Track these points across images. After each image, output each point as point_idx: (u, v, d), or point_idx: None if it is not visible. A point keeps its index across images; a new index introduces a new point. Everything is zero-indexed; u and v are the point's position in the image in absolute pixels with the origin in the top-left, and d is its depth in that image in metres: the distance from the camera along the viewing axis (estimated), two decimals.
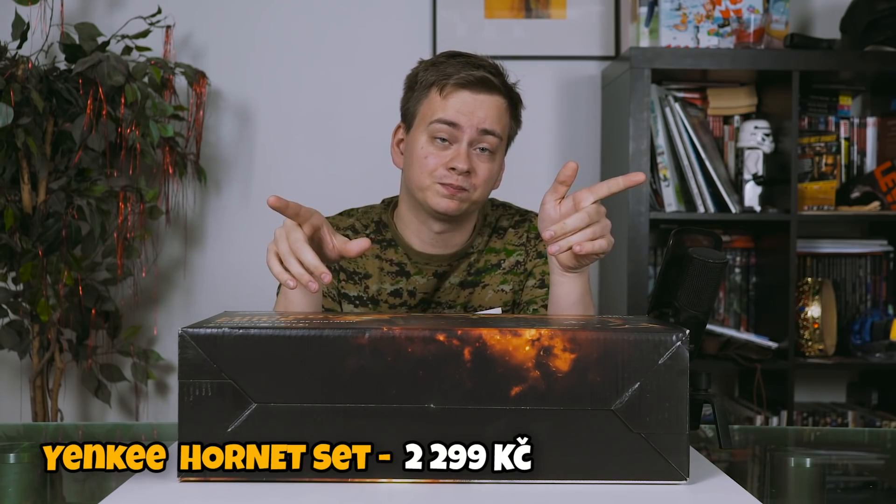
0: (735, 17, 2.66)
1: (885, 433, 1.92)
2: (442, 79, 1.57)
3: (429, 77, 1.60)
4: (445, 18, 2.89)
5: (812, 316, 2.72)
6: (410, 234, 1.67)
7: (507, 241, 1.70)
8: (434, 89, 1.58)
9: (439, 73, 1.58)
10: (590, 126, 2.94)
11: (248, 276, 2.89)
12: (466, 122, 1.56)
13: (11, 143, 2.49)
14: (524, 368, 1.06)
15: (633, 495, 1.04)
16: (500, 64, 1.63)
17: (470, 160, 1.57)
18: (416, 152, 1.60)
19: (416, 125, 1.61)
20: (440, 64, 1.60)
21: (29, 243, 2.52)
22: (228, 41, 2.91)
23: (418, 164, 1.59)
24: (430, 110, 1.59)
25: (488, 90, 1.57)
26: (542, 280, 1.66)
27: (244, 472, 1.07)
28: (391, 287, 1.66)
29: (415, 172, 1.60)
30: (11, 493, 1.22)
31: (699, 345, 1.22)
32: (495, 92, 1.58)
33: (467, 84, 1.56)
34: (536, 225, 1.69)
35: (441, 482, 1.07)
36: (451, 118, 1.56)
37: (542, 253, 1.68)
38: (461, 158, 1.56)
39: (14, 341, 2.65)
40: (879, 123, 2.84)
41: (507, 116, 1.61)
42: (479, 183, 1.59)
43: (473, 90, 1.57)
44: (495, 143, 1.59)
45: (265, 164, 2.92)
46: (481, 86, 1.57)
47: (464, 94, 1.57)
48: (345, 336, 1.06)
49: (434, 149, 1.58)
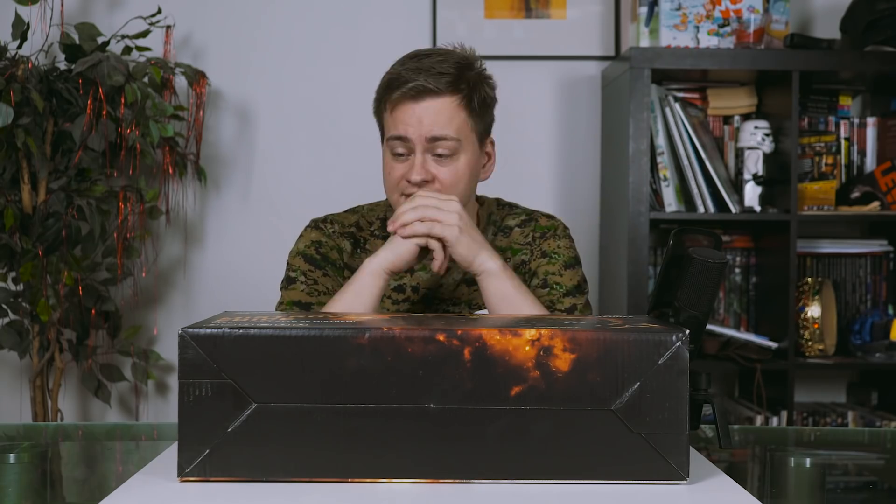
0: (735, 17, 2.66)
1: (885, 433, 1.92)
2: (386, 95, 1.60)
3: (382, 95, 1.62)
4: (445, 18, 2.89)
5: (812, 316, 2.72)
6: None
7: (512, 241, 1.69)
8: (387, 107, 1.60)
9: (386, 84, 1.60)
10: (590, 126, 2.94)
11: (248, 276, 2.89)
12: (413, 132, 1.56)
13: (11, 143, 2.49)
14: (524, 368, 1.06)
15: (633, 495, 1.04)
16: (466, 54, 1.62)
17: (426, 168, 1.57)
18: (383, 169, 1.63)
19: (383, 141, 1.64)
20: (389, 75, 1.60)
21: (29, 243, 2.52)
22: (228, 41, 2.91)
23: (386, 179, 1.63)
24: (385, 127, 1.62)
25: (431, 95, 1.56)
26: (545, 280, 1.65)
27: (244, 472, 1.07)
28: (394, 283, 1.66)
29: (386, 189, 1.64)
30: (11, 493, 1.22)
31: (699, 345, 1.22)
32: (439, 94, 1.56)
33: (407, 96, 1.56)
34: (543, 224, 1.71)
35: (441, 482, 1.07)
36: (399, 133, 1.57)
37: (546, 252, 1.67)
38: (416, 169, 1.57)
39: (14, 341, 2.65)
40: (879, 123, 2.84)
41: (463, 113, 1.58)
42: (445, 188, 1.58)
43: (415, 100, 1.56)
44: (452, 146, 1.57)
45: (265, 164, 2.92)
46: (422, 93, 1.55)
47: (406, 106, 1.56)
48: (345, 336, 1.06)
49: (395, 163, 1.60)
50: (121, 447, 1.58)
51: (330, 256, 1.66)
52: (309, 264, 1.65)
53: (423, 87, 1.55)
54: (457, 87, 1.57)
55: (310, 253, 1.66)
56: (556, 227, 1.70)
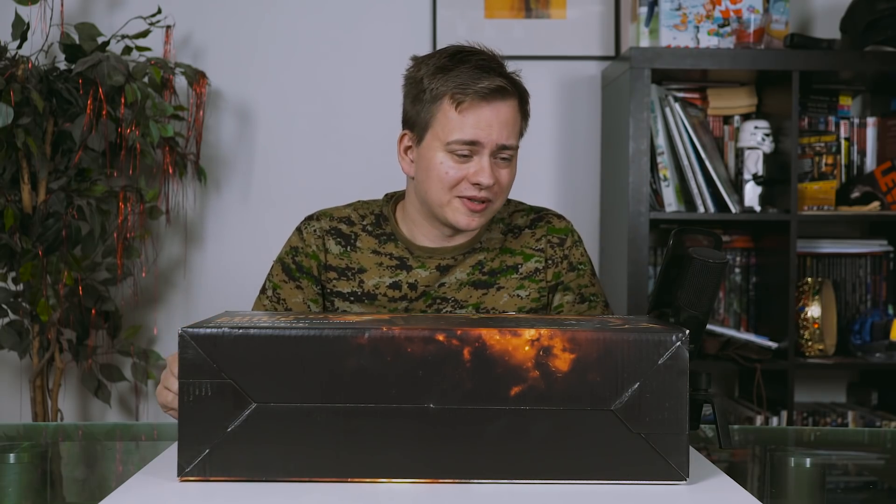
0: (735, 17, 2.66)
1: (885, 433, 1.92)
2: (457, 92, 1.51)
3: (439, 87, 1.53)
4: (445, 18, 2.89)
5: (812, 316, 2.71)
6: (416, 230, 1.64)
7: (523, 244, 1.67)
8: (447, 103, 1.52)
9: (451, 83, 1.51)
10: (590, 126, 2.94)
11: (248, 276, 2.89)
12: (486, 137, 1.52)
13: (11, 143, 2.49)
14: (524, 368, 1.06)
15: (633, 495, 1.04)
16: (498, 54, 1.59)
17: (493, 173, 1.53)
18: (433, 168, 1.54)
19: (430, 138, 1.55)
20: (449, 71, 1.53)
21: (29, 243, 2.52)
22: (228, 41, 2.91)
23: (438, 180, 1.54)
24: (446, 127, 1.52)
25: (502, 97, 1.53)
26: (582, 294, 1.65)
27: (244, 471, 1.07)
28: (390, 280, 1.62)
29: (433, 188, 1.55)
30: (11, 493, 1.22)
31: (699, 345, 1.22)
32: (509, 97, 1.54)
33: (482, 96, 1.51)
34: (556, 227, 1.68)
35: (441, 482, 1.07)
36: (470, 137, 1.51)
37: (573, 265, 1.66)
38: (485, 174, 1.52)
39: (14, 341, 2.65)
40: (879, 123, 2.84)
41: (520, 118, 1.58)
42: (501, 190, 1.57)
43: (489, 101, 1.51)
44: (513, 152, 1.57)
45: (265, 164, 2.92)
46: (496, 95, 1.52)
47: (481, 109, 1.51)
48: (345, 336, 1.06)
49: (454, 163, 1.53)
50: (121, 447, 1.58)
51: (304, 265, 1.64)
52: (284, 274, 1.65)
53: (502, 89, 1.52)
54: (518, 90, 1.57)
55: (286, 262, 1.66)
56: (570, 230, 1.69)
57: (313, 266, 1.64)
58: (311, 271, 1.64)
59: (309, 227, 1.66)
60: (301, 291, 1.63)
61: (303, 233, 1.66)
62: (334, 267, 1.64)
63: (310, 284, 1.63)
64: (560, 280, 1.66)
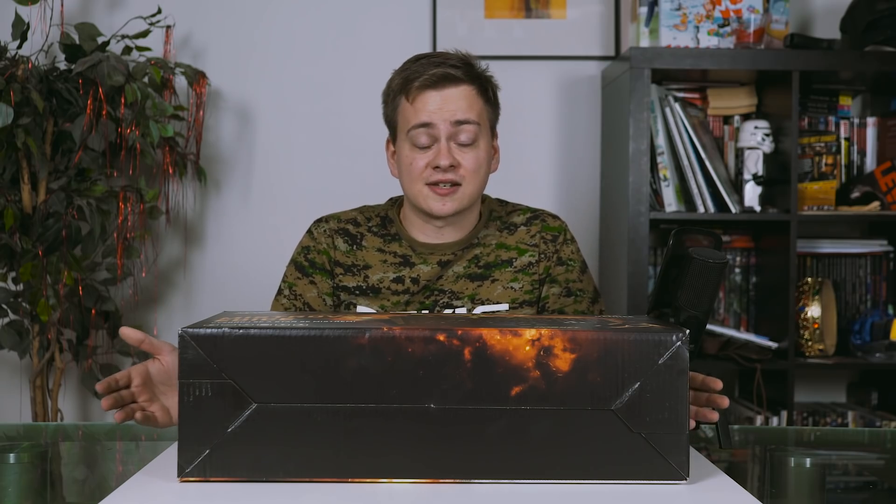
0: (735, 17, 2.66)
1: (885, 433, 1.92)
2: (406, 85, 1.63)
3: (395, 86, 1.66)
4: (445, 18, 2.88)
5: (812, 316, 2.71)
6: (415, 229, 1.72)
7: (518, 239, 1.73)
8: (402, 97, 1.64)
9: (403, 79, 1.64)
10: (590, 126, 2.93)
11: (248, 276, 2.89)
12: (438, 117, 1.61)
13: (11, 143, 2.49)
14: (524, 368, 1.06)
15: (633, 495, 1.04)
16: (466, 54, 1.67)
17: (451, 154, 1.62)
18: (403, 162, 1.66)
19: (399, 135, 1.67)
20: (404, 70, 1.65)
21: (29, 243, 2.51)
22: (228, 41, 2.91)
23: (407, 171, 1.65)
24: (404, 119, 1.64)
25: (453, 83, 1.62)
26: (568, 288, 1.71)
27: (244, 472, 1.07)
28: (394, 275, 1.69)
29: (406, 181, 1.66)
30: (11, 493, 1.22)
31: (699, 345, 1.22)
32: (460, 82, 1.63)
33: (430, 83, 1.61)
34: (551, 225, 1.74)
35: (441, 482, 1.07)
36: (423, 120, 1.61)
37: (563, 260, 1.72)
38: (443, 154, 1.61)
39: (14, 341, 2.64)
40: (879, 123, 2.84)
41: (480, 101, 1.65)
42: (468, 174, 1.63)
43: (437, 87, 1.61)
44: (474, 131, 1.63)
45: (265, 164, 2.92)
46: (444, 81, 1.61)
47: (429, 94, 1.62)
48: (345, 336, 1.06)
49: (417, 154, 1.63)
50: (121, 447, 1.58)
51: (317, 261, 1.72)
52: (298, 272, 1.72)
53: (447, 74, 1.61)
54: (472, 77, 1.65)
55: (299, 261, 1.74)
56: (564, 229, 1.75)
57: (325, 261, 1.72)
58: (323, 266, 1.72)
59: (319, 227, 1.75)
60: (315, 286, 1.71)
61: (313, 233, 1.74)
62: (341, 263, 1.71)
63: (323, 279, 1.71)
64: (549, 273, 1.71)
